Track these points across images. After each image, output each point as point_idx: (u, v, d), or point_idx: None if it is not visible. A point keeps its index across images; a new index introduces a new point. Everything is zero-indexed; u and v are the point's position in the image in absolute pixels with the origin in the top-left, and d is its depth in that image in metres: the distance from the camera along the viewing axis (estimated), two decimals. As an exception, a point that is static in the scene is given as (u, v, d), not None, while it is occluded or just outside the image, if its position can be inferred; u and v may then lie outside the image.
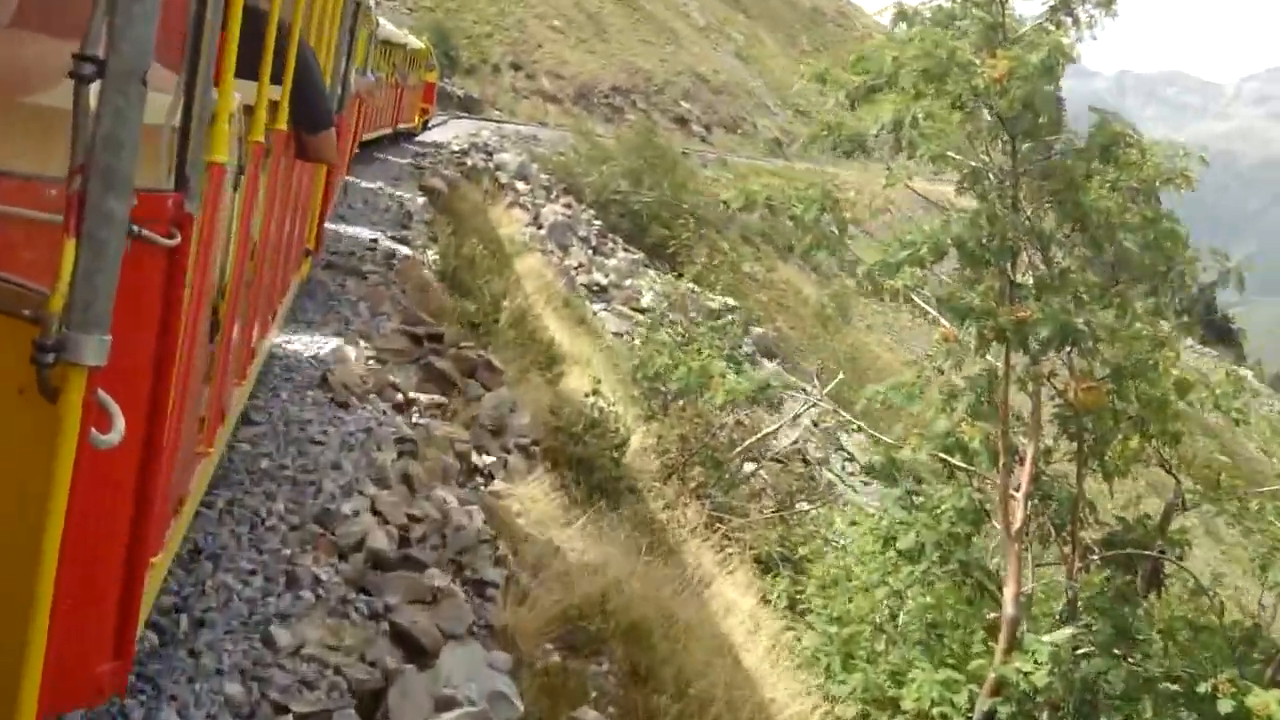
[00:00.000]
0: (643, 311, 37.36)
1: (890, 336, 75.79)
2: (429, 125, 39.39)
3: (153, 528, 3.06)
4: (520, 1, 75.67)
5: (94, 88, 2.09)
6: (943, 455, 11.31)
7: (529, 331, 13.32)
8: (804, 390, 20.67)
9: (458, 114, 52.49)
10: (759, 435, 18.31)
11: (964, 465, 11.37)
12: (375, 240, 12.64)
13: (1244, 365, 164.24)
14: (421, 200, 17.50)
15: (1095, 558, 11.54)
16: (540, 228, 34.10)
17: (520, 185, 36.29)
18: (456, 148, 32.30)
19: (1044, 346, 10.12)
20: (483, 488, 7.42)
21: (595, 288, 36.30)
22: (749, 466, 17.60)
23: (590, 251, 38.62)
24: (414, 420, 7.54)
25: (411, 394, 7.79)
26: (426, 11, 62.92)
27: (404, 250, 12.85)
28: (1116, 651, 10.51)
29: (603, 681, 6.15)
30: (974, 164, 11.07)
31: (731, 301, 42.04)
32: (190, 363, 3.52)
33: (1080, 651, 10.39)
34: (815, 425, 22.75)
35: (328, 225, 11.03)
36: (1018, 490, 10.87)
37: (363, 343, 8.48)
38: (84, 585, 2.68)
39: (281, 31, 5.03)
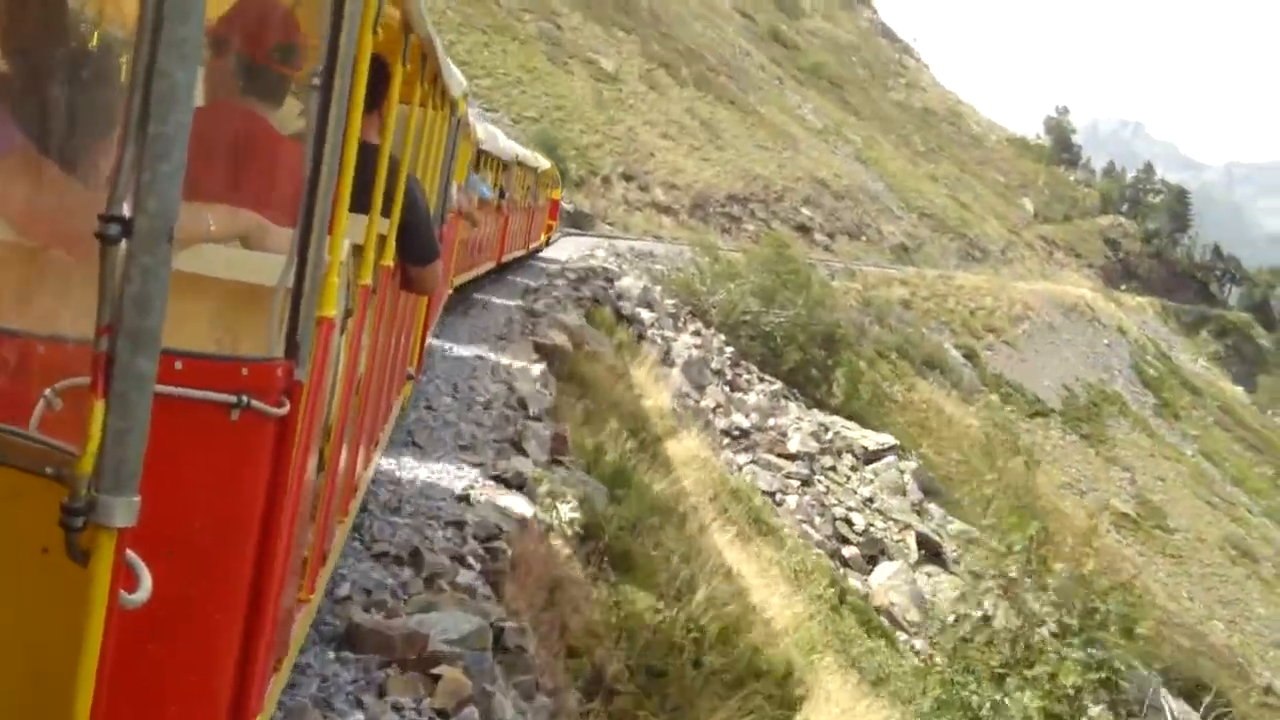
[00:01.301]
0: (792, 458, 32.14)
1: (1042, 458, 69.32)
2: (551, 241, 38.10)
3: (254, 691, 2.95)
4: (630, 109, 71.51)
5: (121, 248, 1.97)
6: None
7: (749, 652, 7.89)
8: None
9: (568, 230, 48.02)
10: None
11: None
12: (469, 493, 7.40)
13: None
14: (538, 369, 12.27)
15: None
16: (672, 365, 28.93)
17: (645, 314, 31.26)
18: (572, 274, 27.27)
19: None
20: None
21: (736, 432, 31.02)
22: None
23: (726, 388, 33.28)
24: None
25: None
26: (531, 122, 58.79)
27: (517, 506, 7.28)
28: None
29: None
30: None
31: (891, 439, 36.33)
32: (294, 517, 3.25)
33: None
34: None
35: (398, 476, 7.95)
36: None
37: None
38: None
39: (391, 167, 4.89)
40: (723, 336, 40.73)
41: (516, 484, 7.71)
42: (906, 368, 65.36)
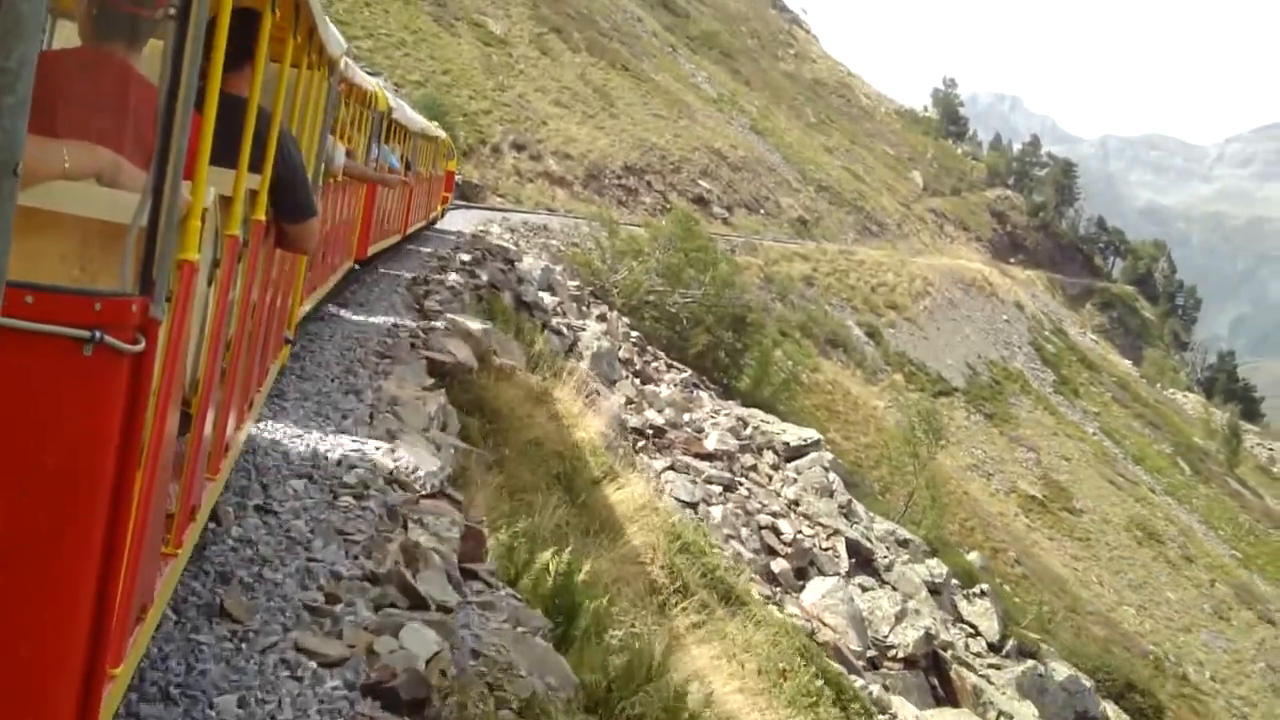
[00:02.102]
0: (709, 458, 29.12)
1: (948, 439, 67.43)
2: (444, 213, 36.04)
3: (113, 638, 2.90)
4: (520, 75, 67.67)
5: None
6: None
7: None
8: None
9: (456, 202, 44.45)
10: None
11: None
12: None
13: (1260, 422, 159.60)
14: (434, 403, 8.82)
15: None
16: (580, 359, 25.65)
17: (547, 299, 27.94)
18: (467, 255, 23.79)
19: None
20: None
21: (650, 431, 27.80)
22: None
23: (636, 380, 30.04)
24: None
25: None
26: (416, 86, 54.76)
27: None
28: None
29: None
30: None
31: (814, 434, 33.32)
32: (156, 465, 3.29)
33: None
34: None
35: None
36: None
37: None
38: (30, 700, 2.65)
39: (261, 119, 4.91)
40: (627, 320, 37.54)
41: (409, 702, 4.25)
42: (810, 347, 62.72)
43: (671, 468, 25.59)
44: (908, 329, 76.45)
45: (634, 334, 35.79)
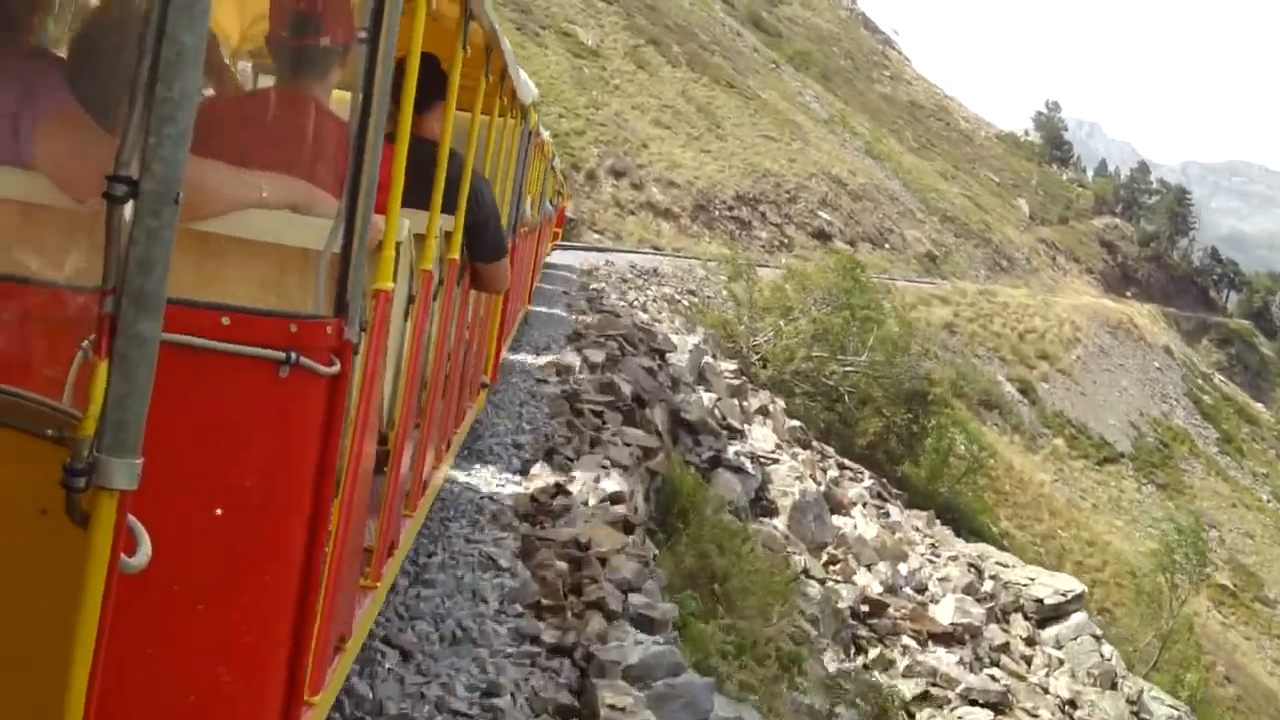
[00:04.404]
0: (946, 639, 19.55)
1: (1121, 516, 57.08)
2: (553, 250, 31.82)
3: (312, 663, 2.91)
4: (615, 91, 58.49)
5: (128, 209, 1.96)
6: None
7: None
8: None
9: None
10: None
11: None
12: None
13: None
14: None
15: None
16: (773, 516, 16.08)
17: (705, 398, 18.39)
18: (598, 352, 14.63)
19: None
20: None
21: (864, 609, 18.23)
22: None
23: (828, 518, 20.17)
24: None
25: None
26: (498, 102, 45.57)
27: None
28: None
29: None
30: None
31: (1075, 585, 23.40)
32: (353, 495, 3.30)
33: None
34: None
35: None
36: None
37: None
38: None
39: (454, 161, 5.03)
40: (781, 403, 27.77)
41: None
42: (962, 409, 52.49)
43: (926, 695, 15.97)
44: (1062, 383, 66.03)
45: (794, 423, 26.22)
